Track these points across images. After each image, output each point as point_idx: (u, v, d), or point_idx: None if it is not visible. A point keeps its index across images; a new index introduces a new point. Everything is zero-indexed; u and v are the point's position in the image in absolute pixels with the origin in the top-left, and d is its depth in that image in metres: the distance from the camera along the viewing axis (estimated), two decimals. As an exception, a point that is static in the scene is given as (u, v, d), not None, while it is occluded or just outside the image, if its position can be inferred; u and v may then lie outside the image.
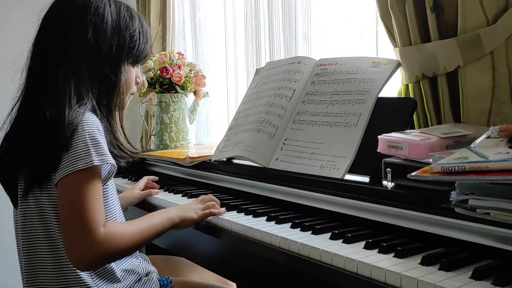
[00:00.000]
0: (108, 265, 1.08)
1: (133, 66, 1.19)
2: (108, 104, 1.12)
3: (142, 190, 1.56)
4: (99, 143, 1.01)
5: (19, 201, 1.10)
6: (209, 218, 1.21)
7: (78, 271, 1.04)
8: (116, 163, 1.08)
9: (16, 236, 1.13)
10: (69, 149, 0.98)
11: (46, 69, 1.08)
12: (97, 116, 1.06)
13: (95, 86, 1.09)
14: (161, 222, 1.11)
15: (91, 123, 1.01)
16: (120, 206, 1.19)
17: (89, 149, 0.98)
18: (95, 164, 0.98)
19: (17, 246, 1.13)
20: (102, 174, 1.03)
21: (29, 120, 1.07)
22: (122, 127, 1.18)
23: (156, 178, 1.66)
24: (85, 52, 1.08)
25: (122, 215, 1.19)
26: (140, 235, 1.05)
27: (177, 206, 1.22)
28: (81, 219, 0.96)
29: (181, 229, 1.17)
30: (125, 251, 1.03)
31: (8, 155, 1.11)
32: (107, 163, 1.02)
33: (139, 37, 1.16)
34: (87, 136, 0.99)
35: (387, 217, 0.99)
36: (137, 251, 1.22)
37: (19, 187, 1.09)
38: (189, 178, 1.65)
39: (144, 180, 1.61)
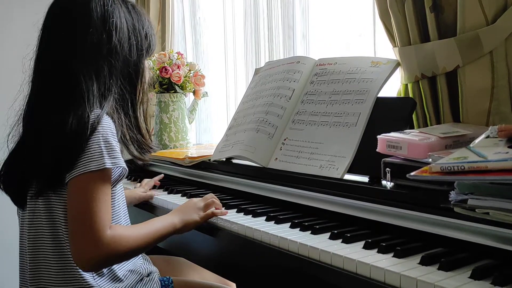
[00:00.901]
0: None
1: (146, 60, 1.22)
2: (133, 103, 1.15)
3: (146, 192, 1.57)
4: (112, 146, 1.02)
5: (28, 202, 1.10)
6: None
7: (81, 271, 1.05)
8: (135, 162, 1.11)
9: (21, 235, 1.13)
10: (84, 150, 0.99)
11: (64, 73, 1.07)
12: (120, 115, 1.09)
13: (119, 86, 1.11)
14: (164, 227, 1.11)
15: (105, 126, 1.02)
16: (126, 209, 1.19)
17: (102, 152, 1.00)
18: (107, 166, 0.99)
19: (21, 245, 1.13)
20: (112, 177, 1.04)
21: (44, 122, 1.06)
22: (145, 122, 1.21)
23: (162, 176, 1.67)
24: (109, 55, 1.09)
25: (128, 217, 1.19)
26: (143, 240, 1.05)
27: (178, 209, 1.21)
28: (88, 220, 0.97)
29: (186, 232, 1.16)
30: (128, 255, 1.05)
31: (18, 158, 1.11)
32: (119, 167, 1.03)
33: (151, 32, 1.19)
34: (101, 138, 1.00)
35: (386, 217, 0.99)
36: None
37: (30, 190, 1.09)
38: (188, 178, 1.65)
39: (151, 183, 1.61)
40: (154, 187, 1.64)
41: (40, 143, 1.05)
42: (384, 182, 1.05)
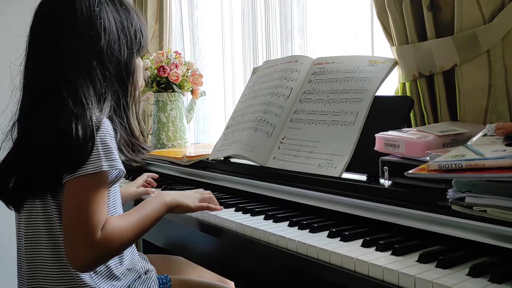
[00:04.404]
0: (107, 263, 1.09)
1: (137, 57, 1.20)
2: (125, 102, 1.13)
3: (140, 188, 1.56)
4: (110, 148, 1.01)
5: (25, 203, 1.09)
6: (207, 217, 1.21)
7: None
8: (129, 164, 1.10)
9: (18, 235, 1.12)
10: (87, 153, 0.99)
11: (56, 78, 1.05)
12: (115, 117, 1.08)
13: (113, 88, 1.09)
14: (156, 209, 1.11)
15: (103, 129, 1.01)
16: (122, 208, 1.19)
17: (99, 154, 0.99)
18: (104, 169, 0.99)
19: (18, 246, 1.12)
20: (109, 178, 1.03)
21: (43, 127, 1.04)
22: (139, 123, 1.19)
23: (156, 175, 1.66)
24: (100, 57, 1.07)
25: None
26: (137, 227, 1.05)
27: (174, 192, 1.22)
28: (83, 223, 0.96)
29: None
30: (124, 247, 1.05)
31: (14, 162, 1.09)
32: (115, 169, 1.03)
33: (141, 29, 1.16)
34: (99, 141, 1.00)
35: (384, 215, 0.99)
36: (135, 250, 1.22)
37: (28, 192, 1.08)
38: (186, 177, 1.65)
39: (143, 177, 1.61)
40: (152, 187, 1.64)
41: (39, 147, 1.03)
42: (382, 181, 1.05)
